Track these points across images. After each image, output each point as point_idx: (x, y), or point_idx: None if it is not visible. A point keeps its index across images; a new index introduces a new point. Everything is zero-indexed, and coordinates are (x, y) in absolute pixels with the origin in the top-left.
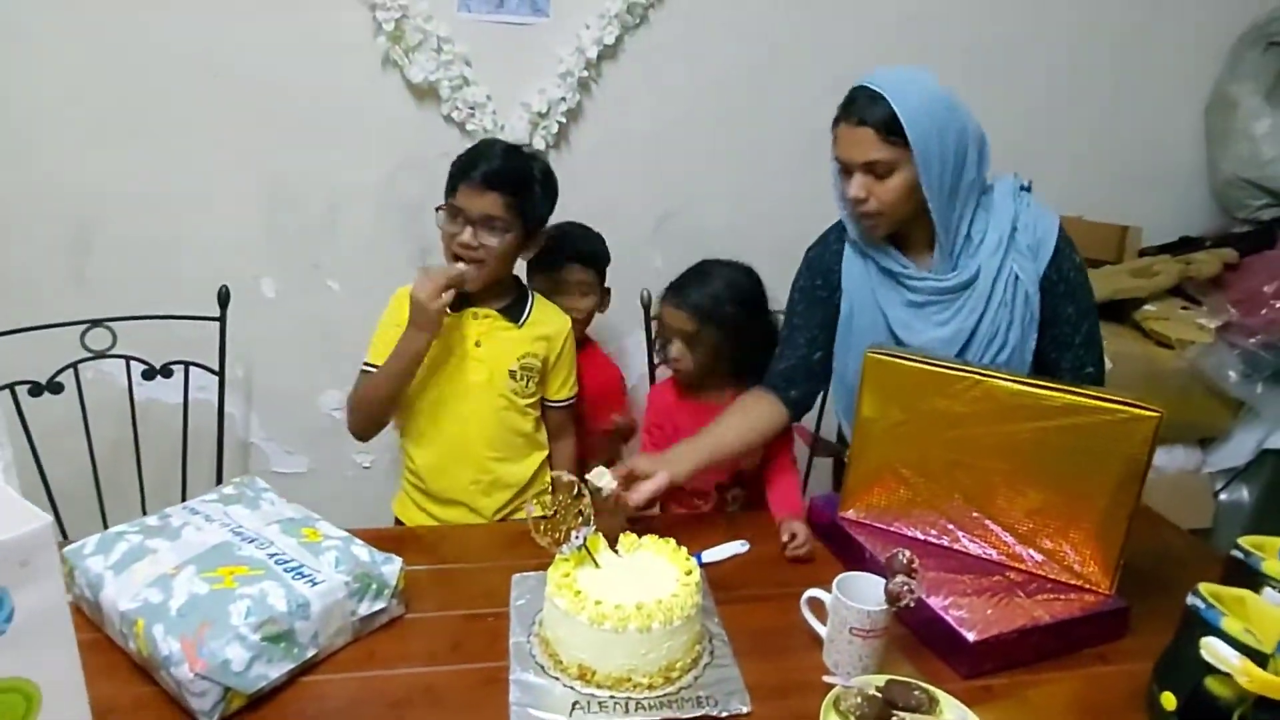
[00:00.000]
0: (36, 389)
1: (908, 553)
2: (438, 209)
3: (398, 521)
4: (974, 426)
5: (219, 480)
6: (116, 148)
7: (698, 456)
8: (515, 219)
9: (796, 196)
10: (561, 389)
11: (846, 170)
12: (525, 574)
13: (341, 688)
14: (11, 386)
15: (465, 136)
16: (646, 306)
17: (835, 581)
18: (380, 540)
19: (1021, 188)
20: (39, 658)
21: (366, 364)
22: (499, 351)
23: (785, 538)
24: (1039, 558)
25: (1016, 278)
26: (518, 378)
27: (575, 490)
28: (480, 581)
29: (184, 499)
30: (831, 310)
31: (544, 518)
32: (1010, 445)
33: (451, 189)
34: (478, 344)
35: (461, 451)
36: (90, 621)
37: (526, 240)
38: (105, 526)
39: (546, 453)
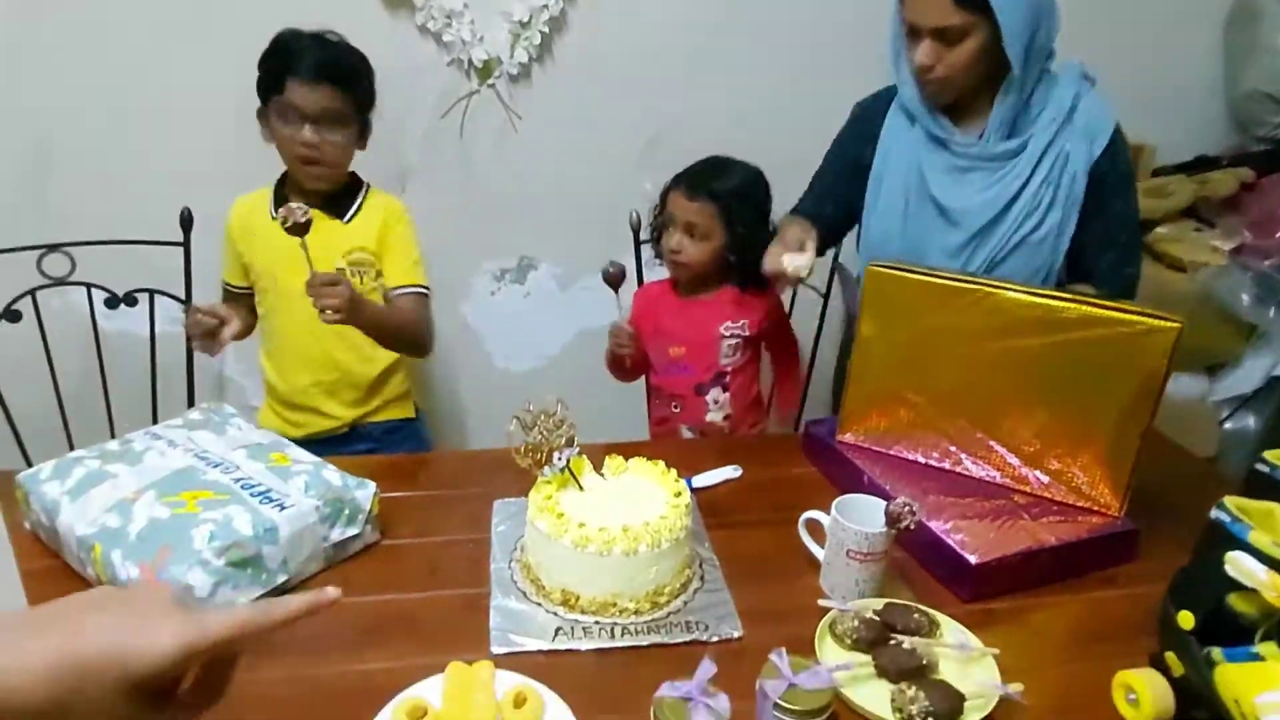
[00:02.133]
0: None
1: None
2: (260, 113)
3: None
4: (981, 343)
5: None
6: (75, 63)
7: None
8: (353, 112)
9: (794, 115)
10: (396, 277)
11: (914, 33)
12: (507, 500)
13: (314, 614)
14: None
15: (442, 49)
16: (636, 230)
17: (834, 504)
18: (356, 467)
19: (1085, 76)
20: None
21: (223, 280)
22: (324, 249)
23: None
24: (1045, 479)
25: (1067, 157)
26: (348, 275)
27: (558, 410)
28: (460, 508)
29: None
30: (856, 167)
31: (526, 441)
32: (1019, 361)
33: (275, 86)
34: (303, 245)
35: (302, 355)
36: (48, 549)
37: (362, 135)
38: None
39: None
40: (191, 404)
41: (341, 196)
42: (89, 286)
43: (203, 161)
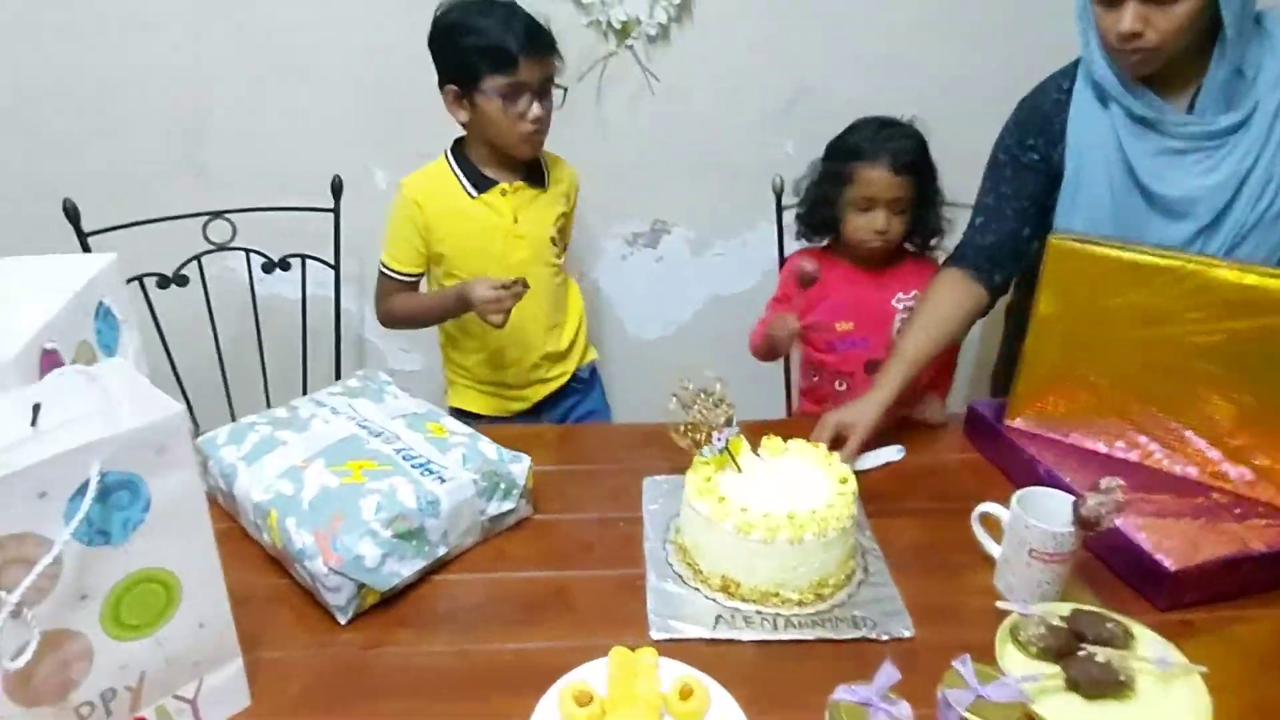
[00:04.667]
0: (164, 281)
1: (1117, 480)
2: (461, 92)
3: (455, 411)
4: (1179, 324)
5: (338, 376)
6: (221, 31)
7: (904, 373)
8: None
9: (944, 72)
10: (566, 236)
11: None
12: (657, 477)
13: (473, 588)
14: (140, 279)
15: (580, 9)
16: (779, 194)
17: (1015, 496)
18: (505, 438)
19: None
20: (177, 547)
21: (386, 268)
22: (537, 221)
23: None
24: (1251, 476)
25: None
26: (556, 242)
27: (718, 388)
28: (609, 483)
29: (305, 394)
30: (1045, 176)
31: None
32: (1225, 345)
33: (505, 64)
34: (516, 220)
35: (525, 335)
36: (225, 511)
37: None
38: (233, 418)
39: (580, 308)
40: (339, 364)
41: (533, 166)
42: (248, 251)
43: (342, 127)
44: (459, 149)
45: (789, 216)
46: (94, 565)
